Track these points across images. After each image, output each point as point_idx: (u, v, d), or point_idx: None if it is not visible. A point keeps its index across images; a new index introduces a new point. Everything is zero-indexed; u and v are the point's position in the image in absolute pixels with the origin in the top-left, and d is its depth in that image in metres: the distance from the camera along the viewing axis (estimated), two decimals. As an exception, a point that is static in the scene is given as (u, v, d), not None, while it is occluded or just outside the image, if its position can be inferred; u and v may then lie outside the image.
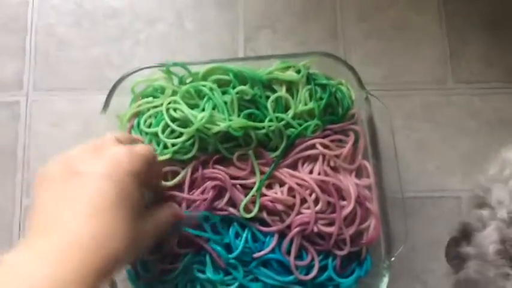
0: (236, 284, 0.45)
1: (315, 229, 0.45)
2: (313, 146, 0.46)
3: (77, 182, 0.33)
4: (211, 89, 0.47)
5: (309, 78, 0.48)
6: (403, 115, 0.56)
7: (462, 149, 0.56)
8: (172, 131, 0.46)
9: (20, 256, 0.30)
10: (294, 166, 0.47)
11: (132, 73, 0.49)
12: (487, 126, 0.56)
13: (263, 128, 0.46)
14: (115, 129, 0.49)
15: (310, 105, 0.47)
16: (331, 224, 0.45)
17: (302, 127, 0.46)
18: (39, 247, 0.30)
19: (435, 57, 0.58)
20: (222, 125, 0.45)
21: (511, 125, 0.56)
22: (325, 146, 0.47)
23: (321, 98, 0.48)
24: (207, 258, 0.45)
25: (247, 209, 0.45)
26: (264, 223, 0.46)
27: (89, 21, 0.59)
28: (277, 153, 0.47)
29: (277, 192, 0.46)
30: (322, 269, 0.46)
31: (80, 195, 0.33)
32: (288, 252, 0.45)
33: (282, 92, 0.48)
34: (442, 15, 0.59)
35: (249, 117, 0.47)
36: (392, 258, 0.44)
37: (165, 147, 0.46)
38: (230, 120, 0.45)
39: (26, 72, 0.57)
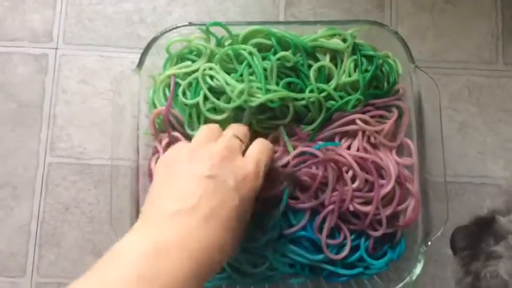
0: (267, 264, 0.44)
1: (351, 207, 0.43)
2: (352, 122, 0.44)
3: (208, 186, 0.34)
4: (250, 54, 0.44)
5: (355, 48, 0.46)
6: (448, 95, 0.53)
7: (507, 136, 0.53)
8: (210, 102, 0.44)
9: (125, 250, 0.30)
10: (331, 141, 0.44)
11: (168, 31, 0.46)
12: (535, 112, 0.53)
13: (303, 99, 0.43)
14: (148, 90, 0.47)
15: (355, 77, 0.45)
16: (367, 203, 0.43)
17: (343, 101, 0.44)
18: (142, 242, 0.31)
19: (486, 36, 0.54)
20: (261, 98, 0.42)
21: (561, 114, 0.53)
22: (365, 122, 0.44)
23: (367, 70, 0.45)
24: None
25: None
26: (297, 199, 0.44)
27: (124, -26, 0.56)
28: (313, 126, 0.44)
29: (312, 167, 0.43)
30: (354, 249, 0.44)
31: (206, 197, 0.33)
32: (320, 230, 0.43)
33: (326, 60, 0.45)
34: (498, -11, 0.56)
35: (288, 86, 0.44)
36: (429, 243, 0.42)
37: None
38: (268, 91, 0.43)
39: (56, 24, 0.55)
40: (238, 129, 0.40)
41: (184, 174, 0.35)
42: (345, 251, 0.44)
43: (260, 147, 0.39)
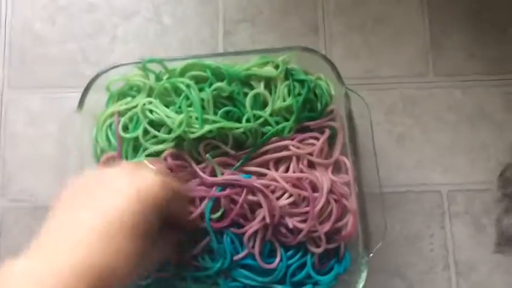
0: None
1: (290, 225, 0.44)
2: (286, 147, 0.46)
3: (102, 194, 0.34)
4: (188, 86, 0.46)
5: (287, 74, 0.48)
6: (384, 109, 0.56)
7: (443, 143, 0.55)
8: (152, 135, 0.46)
9: (23, 270, 0.30)
10: (265, 166, 0.46)
11: (107, 70, 0.47)
12: (467, 119, 0.56)
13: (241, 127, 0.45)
14: (91, 129, 0.48)
15: (289, 101, 0.47)
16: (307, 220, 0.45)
17: (278, 127, 0.46)
18: (41, 262, 0.30)
19: (416, 50, 0.58)
20: (201, 131, 0.44)
21: (492, 118, 0.56)
22: (298, 146, 0.46)
23: (299, 94, 0.47)
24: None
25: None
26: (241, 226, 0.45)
27: (64, 16, 0.57)
28: (245, 153, 0.46)
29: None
30: (301, 266, 0.46)
31: (104, 210, 0.33)
32: (262, 253, 0.45)
33: (260, 88, 0.47)
34: (424, 6, 0.59)
35: (227, 114, 0.46)
36: (371, 254, 0.44)
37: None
38: (206, 121, 0.44)
39: (1, 69, 0.56)
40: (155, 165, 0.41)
41: (83, 190, 0.35)
42: (276, 261, 0.45)
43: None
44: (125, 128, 0.47)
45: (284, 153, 0.46)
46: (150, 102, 0.46)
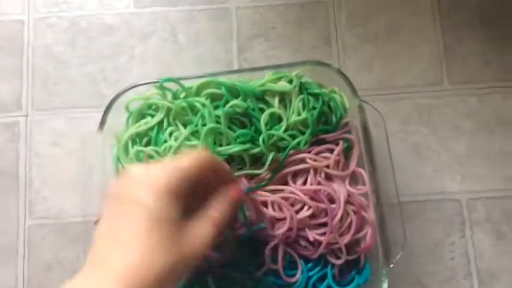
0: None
1: (310, 237, 0.45)
2: (303, 160, 0.46)
3: (120, 212, 0.34)
4: (203, 105, 0.47)
5: (302, 88, 0.49)
6: (399, 119, 0.56)
7: (460, 151, 0.55)
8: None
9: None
10: (283, 179, 0.47)
11: (126, 90, 0.49)
12: (484, 127, 0.56)
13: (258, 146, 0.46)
14: (112, 148, 0.49)
15: (303, 115, 0.48)
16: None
17: (293, 142, 0.47)
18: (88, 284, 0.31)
19: (430, 59, 0.58)
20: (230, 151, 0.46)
21: (509, 125, 0.56)
22: (315, 159, 0.47)
23: (314, 108, 0.48)
24: (210, 279, 0.46)
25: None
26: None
27: (84, 38, 0.59)
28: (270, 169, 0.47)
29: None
30: (321, 278, 0.46)
31: (120, 225, 0.33)
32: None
33: (275, 102, 0.48)
34: (436, 15, 0.59)
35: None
36: (391, 265, 0.44)
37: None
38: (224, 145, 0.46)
39: (24, 92, 0.58)
40: None
41: (109, 209, 0.35)
42: (297, 274, 0.46)
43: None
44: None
45: (302, 166, 0.46)
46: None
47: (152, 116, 0.49)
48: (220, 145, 0.47)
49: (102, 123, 0.48)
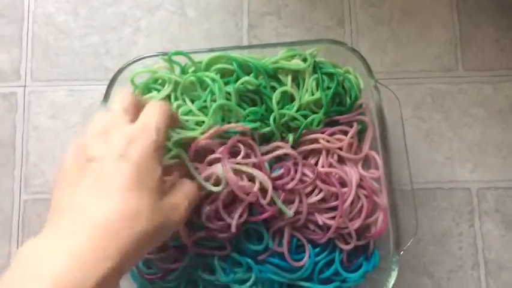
0: (253, 278, 0.44)
1: (320, 221, 0.43)
2: (316, 140, 0.45)
3: (93, 168, 0.32)
4: (213, 80, 0.45)
5: (316, 67, 0.47)
6: (412, 104, 0.55)
7: (473, 139, 0.54)
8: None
9: (38, 246, 0.29)
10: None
11: (132, 63, 0.47)
12: (498, 115, 0.54)
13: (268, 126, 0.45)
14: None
15: (317, 95, 0.46)
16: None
17: (306, 121, 0.45)
18: (57, 234, 0.30)
19: (445, 44, 0.56)
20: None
21: (523, 114, 0.54)
22: (328, 140, 0.45)
23: (328, 88, 0.46)
24: (216, 261, 0.44)
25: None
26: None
27: (87, 8, 0.57)
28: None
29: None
30: (329, 263, 0.45)
31: (97, 179, 0.32)
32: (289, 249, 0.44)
33: (288, 81, 0.46)
34: (453, -1, 0.57)
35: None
36: (401, 253, 0.43)
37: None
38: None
39: (23, 62, 0.55)
40: (121, 100, 0.37)
41: (71, 171, 0.34)
42: (305, 258, 0.44)
43: (152, 106, 0.37)
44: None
45: (314, 145, 0.45)
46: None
47: (158, 90, 0.47)
48: (229, 122, 0.45)
49: (106, 96, 0.46)
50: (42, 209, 0.52)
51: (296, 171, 0.43)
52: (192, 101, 0.46)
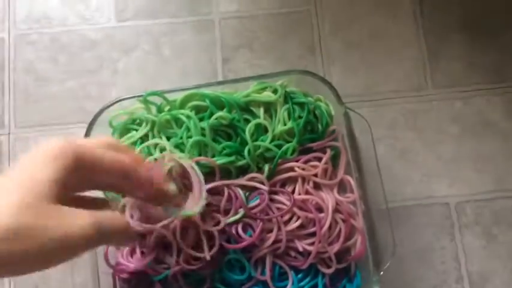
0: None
1: (300, 248, 0.45)
2: (291, 169, 0.46)
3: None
4: (188, 117, 0.47)
5: (287, 97, 0.48)
6: (386, 125, 0.56)
7: (448, 155, 0.55)
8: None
9: None
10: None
11: (110, 105, 0.48)
12: (471, 130, 0.56)
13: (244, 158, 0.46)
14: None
15: (289, 125, 0.47)
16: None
17: (280, 151, 0.46)
18: None
19: (414, 64, 0.58)
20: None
21: (495, 127, 0.56)
22: (303, 168, 0.46)
23: (300, 117, 0.48)
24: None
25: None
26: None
27: (66, 54, 0.59)
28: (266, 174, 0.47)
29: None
30: (313, 288, 0.46)
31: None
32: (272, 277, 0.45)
33: (260, 113, 0.48)
34: (418, 19, 0.59)
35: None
36: (381, 273, 0.44)
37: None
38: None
39: (7, 110, 0.57)
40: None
41: None
42: (288, 285, 0.45)
43: None
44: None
45: (290, 174, 0.46)
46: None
47: (137, 130, 0.49)
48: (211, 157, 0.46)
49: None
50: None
51: (271, 200, 0.45)
52: (169, 139, 0.47)
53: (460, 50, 0.58)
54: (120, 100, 0.49)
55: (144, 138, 0.48)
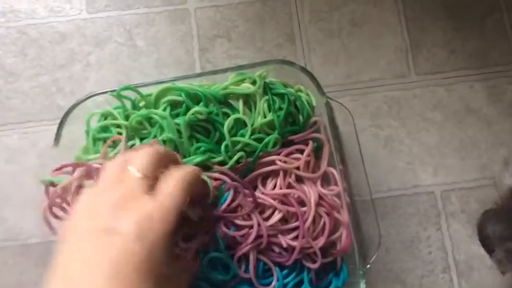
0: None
1: (284, 243, 0.43)
2: (273, 162, 0.45)
3: (105, 241, 0.30)
4: (162, 117, 0.44)
5: (266, 89, 0.47)
6: (369, 114, 0.55)
7: (431, 143, 0.55)
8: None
9: None
10: (253, 182, 0.45)
11: (82, 101, 0.46)
12: (453, 116, 0.55)
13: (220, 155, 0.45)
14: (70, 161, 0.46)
15: (270, 117, 0.46)
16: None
17: (261, 145, 0.45)
18: None
19: (396, 50, 0.57)
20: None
21: (478, 113, 0.55)
22: (285, 161, 0.45)
23: (280, 108, 0.46)
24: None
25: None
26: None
27: (35, 49, 0.56)
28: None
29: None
30: (299, 284, 0.45)
31: (106, 255, 0.30)
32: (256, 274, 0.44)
33: (240, 106, 0.46)
34: (400, 5, 0.58)
35: (207, 137, 0.45)
36: (368, 266, 0.43)
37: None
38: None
39: (-25, 108, 0.55)
40: (140, 162, 0.34)
41: (81, 239, 0.31)
42: (273, 283, 0.44)
43: (176, 177, 0.35)
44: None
45: (272, 167, 0.45)
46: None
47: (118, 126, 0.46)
48: (184, 156, 0.45)
49: (57, 137, 0.45)
50: (6, 256, 0.51)
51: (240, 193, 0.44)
52: (142, 139, 0.45)
53: (442, 36, 0.57)
54: (92, 96, 0.46)
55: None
